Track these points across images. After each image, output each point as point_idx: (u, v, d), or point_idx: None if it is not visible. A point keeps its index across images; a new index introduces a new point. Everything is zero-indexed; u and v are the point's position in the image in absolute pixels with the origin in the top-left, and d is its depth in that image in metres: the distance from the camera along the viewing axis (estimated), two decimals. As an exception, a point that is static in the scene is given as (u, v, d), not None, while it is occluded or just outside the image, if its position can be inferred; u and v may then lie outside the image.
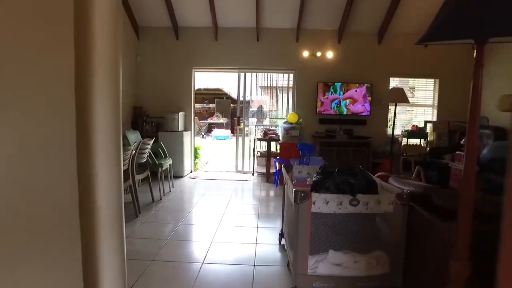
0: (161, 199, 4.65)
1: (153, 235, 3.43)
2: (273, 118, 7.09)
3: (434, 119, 6.74)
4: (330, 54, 6.41)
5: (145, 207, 4.28)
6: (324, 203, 2.06)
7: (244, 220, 4.01)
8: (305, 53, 6.41)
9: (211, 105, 17.92)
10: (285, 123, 6.04)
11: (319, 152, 5.90)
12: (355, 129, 6.57)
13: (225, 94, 15.59)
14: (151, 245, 3.15)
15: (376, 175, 4.03)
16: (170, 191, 5.14)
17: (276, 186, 5.59)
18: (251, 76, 6.72)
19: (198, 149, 7.11)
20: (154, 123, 6.35)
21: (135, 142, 4.02)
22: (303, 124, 6.12)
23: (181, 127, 6.27)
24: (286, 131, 5.90)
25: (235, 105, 18.41)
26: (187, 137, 6.36)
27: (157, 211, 4.18)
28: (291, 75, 6.69)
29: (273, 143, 6.27)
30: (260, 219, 4.03)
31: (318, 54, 6.38)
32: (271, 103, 6.88)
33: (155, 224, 3.77)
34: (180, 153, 6.11)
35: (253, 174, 6.50)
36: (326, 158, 6.15)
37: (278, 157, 6.04)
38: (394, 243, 2.19)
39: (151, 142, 4.37)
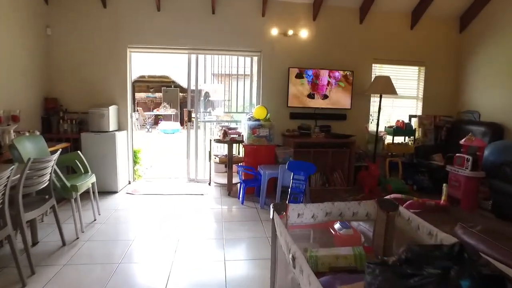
0: (77, 238, 3.15)
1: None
2: (231, 112, 5.75)
3: (419, 112, 5.86)
4: (304, 33, 5.19)
5: (47, 258, 2.77)
6: None
7: (205, 270, 2.68)
8: (274, 31, 5.12)
9: (157, 95, 16.02)
10: (250, 119, 4.74)
11: (292, 156, 4.71)
12: (333, 126, 5.47)
13: (173, 82, 13.83)
14: None
15: (404, 205, 2.92)
16: (95, 220, 3.63)
17: (242, 203, 4.30)
18: (205, 60, 5.29)
19: (138, 152, 5.57)
20: (75, 121, 4.70)
21: (30, 159, 2.47)
22: (273, 121, 4.86)
23: (113, 125, 4.70)
24: (252, 129, 4.62)
25: (184, 94, 16.71)
26: (122, 138, 4.82)
27: (67, 265, 2.69)
28: (255, 59, 5.38)
29: (235, 145, 4.97)
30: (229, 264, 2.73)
31: (290, 32, 5.13)
32: (229, 92, 5.52)
33: (60, 292, 2.32)
34: (112, 160, 4.56)
35: (209, 184, 5.15)
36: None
37: (242, 164, 4.75)
38: None
39: (56, 156, 2.83)
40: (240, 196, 4.42)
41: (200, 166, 5.45)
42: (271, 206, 1.79)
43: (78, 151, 3.67)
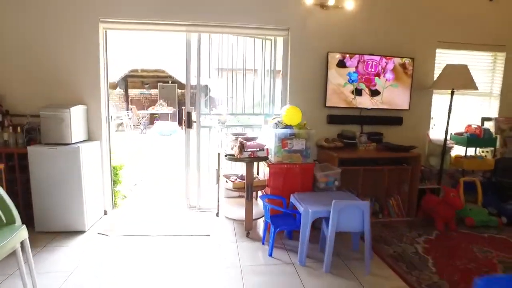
0: None
1: None
2: (244, 114, 4.27)
3: (494, 114, 4.41)
4: (349, 4, 3.72)
5: None
6: None
7: None
8: (308, 0, 3.65)
9: (152, 91, 14.54)
10: (276, 125, 3.27)
11: (339, 179, 3.26)
12: (385, 133, 4.01)
13: (170, 77, 12.32)
14: None
15: None
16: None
17: (270, 254, 2.84)
18: (210, 42, 3.82)
19: (119, 168, 4.11)
20: (21, 128, 3.24)
21: None
22: (310, 127, 3.39)
23: (78, 134, 3.25)
24: (282, 141, 3.15)
25: (183, 91, 15.18)
26: (92, 152, 3.37)
27: None
28: (279, 41, 3.91)
29: (256, 163, 3.49)
30: None
31: (330, 2, 3.66)
32: (243, 87, 4.01)
33: None
34: (75, 186, 3.11)
35: (217, 215, 3.69)
36: (347, 185, 3.67)
37: (266, 192, 3.30)
38: None
39: None
40: (267, 242, 2.98)
41: (203, 187, 3.99)
42: None
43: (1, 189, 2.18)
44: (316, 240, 2.95)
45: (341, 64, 3.75)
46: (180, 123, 13.12)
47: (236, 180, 3.37)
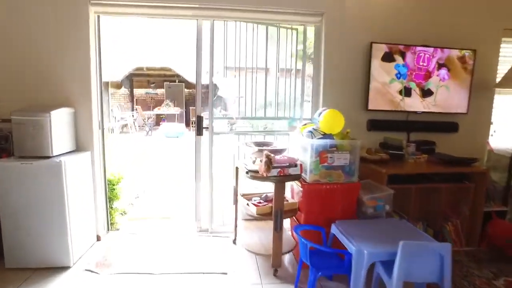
0: None
1: None
2: (266, 118, 3.56)
3: None
4: (399, -17, 3.01)
5: None
6: None
7: None
8: (348, -21, 2.95)
9: (158, 91, 13.93)
10: (311, 134, 2.57)
11: (391, 203, 2.55)
12: (437, 141, 3.29)
13: (177, 75, 11.68)
14: None
15: None
16: None
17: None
18: (226, 30, 3.13)
19: (117, 182, 3.45)
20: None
21: None
22: (353, 136, 2.68)
23: (62, 144, 2.59)
24: (321, 154, 2.45)
25: (190, 90, 14.50)
26: (80, 166, 2.71)
27: None
28: (310, 30, 3.22)
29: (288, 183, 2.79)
30: None
31: (376, -20, 2.96)
32: (264, 87, 3.28)
33: None
34: (57, 210, 2.45)
35: (234, 243, 3.01)
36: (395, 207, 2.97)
37: (298, 221, 2.61)
38: None
39: None
40: (301, 284, 2.29)
41: (217, 206, 3.31)
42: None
43: None
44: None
45: (388, 57, 3.04)
46: (187, 125, 12.49)
47: (260, 202, 2.68)
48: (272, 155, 2.41)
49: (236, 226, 3.01)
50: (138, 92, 13.97)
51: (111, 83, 10.64)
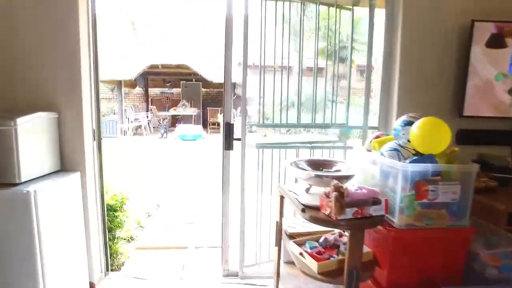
0: None
1: None
2: (315, 126, 2.67)
3: None
4: None
5: None
6: None
7: None
8: None
9: (174, 90, 13.25)
10: (398, 151, 1.71)
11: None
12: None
13: (194, 74, 10.93)
14: None
15: None
16: None
17: None
18: (265, 7, 2.30)
19: (120, 206, 2.67)
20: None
21: None
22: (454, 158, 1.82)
23: (36, 164, 1.83)
24: (418, 185, 1.59)
25: (208, 90, 13.74)
26: (67, 192, 1.94)
27: None
28: (380, 13, 2.36)
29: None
30: None
31: None
32: (313, 86, 2.40)
33: None
34: (24, 259, 1.68)
35: (275, 298, 2.18)
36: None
37: (379, 283, 1.74)
38: None
39: None
40: None
41: (250, 241, 2.49)
42: None
43: None
44: None
45: (496, 42, 2.15)
46: (204, 126, 11.76)
47: (319, 252, 1.82)
48: (344, 186, 1.57)
49: (278, 275, 2.17)
50: (153, 91, 13.33)
51: (124, 82, 10.01)
